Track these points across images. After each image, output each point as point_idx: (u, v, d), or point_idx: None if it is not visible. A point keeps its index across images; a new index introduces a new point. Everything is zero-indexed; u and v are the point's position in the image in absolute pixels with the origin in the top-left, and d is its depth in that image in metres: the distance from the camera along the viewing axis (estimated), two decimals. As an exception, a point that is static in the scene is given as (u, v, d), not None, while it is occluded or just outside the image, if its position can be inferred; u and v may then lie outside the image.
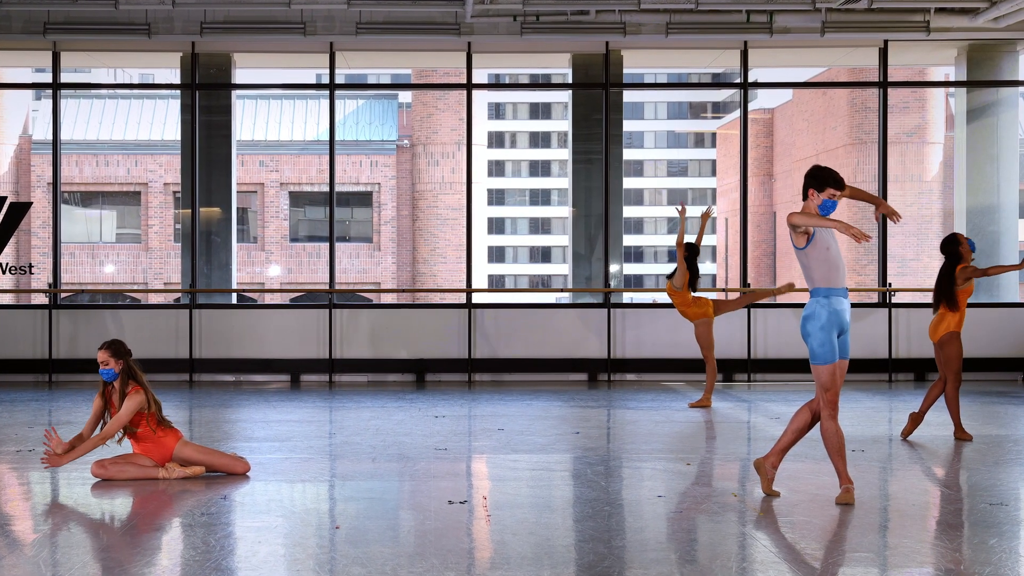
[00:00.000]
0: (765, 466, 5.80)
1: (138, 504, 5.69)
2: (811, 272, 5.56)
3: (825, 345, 5.53)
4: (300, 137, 27.90)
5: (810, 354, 5.61)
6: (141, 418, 6.32)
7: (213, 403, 10.37)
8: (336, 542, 4.79)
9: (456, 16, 12.64)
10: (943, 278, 7.78)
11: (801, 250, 5.55)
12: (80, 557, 4.59)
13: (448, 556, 4.53)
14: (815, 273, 5.55)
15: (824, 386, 5.56)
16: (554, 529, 5.08)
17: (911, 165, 26.13)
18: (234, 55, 13.27)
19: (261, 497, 5.79)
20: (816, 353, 5.56)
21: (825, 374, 5.55)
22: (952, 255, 7.76)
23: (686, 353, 12.36)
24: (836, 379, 5.56)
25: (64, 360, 12.56)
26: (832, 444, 5.59)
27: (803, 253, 5.56)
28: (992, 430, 8.41)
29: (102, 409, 6.37)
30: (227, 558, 4.52)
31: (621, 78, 13.17)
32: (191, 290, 12.76)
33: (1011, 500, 5.74)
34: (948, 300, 7.73)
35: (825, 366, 5.55)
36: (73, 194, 27.59)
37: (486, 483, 6.41)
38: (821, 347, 5.54)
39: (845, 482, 5.61)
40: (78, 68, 27.52)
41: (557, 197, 63.56)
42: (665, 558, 4.54)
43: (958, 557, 4.55)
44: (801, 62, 15.94)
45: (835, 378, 5.56)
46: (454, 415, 9.41)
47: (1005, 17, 12.32)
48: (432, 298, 23.26)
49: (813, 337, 5.55)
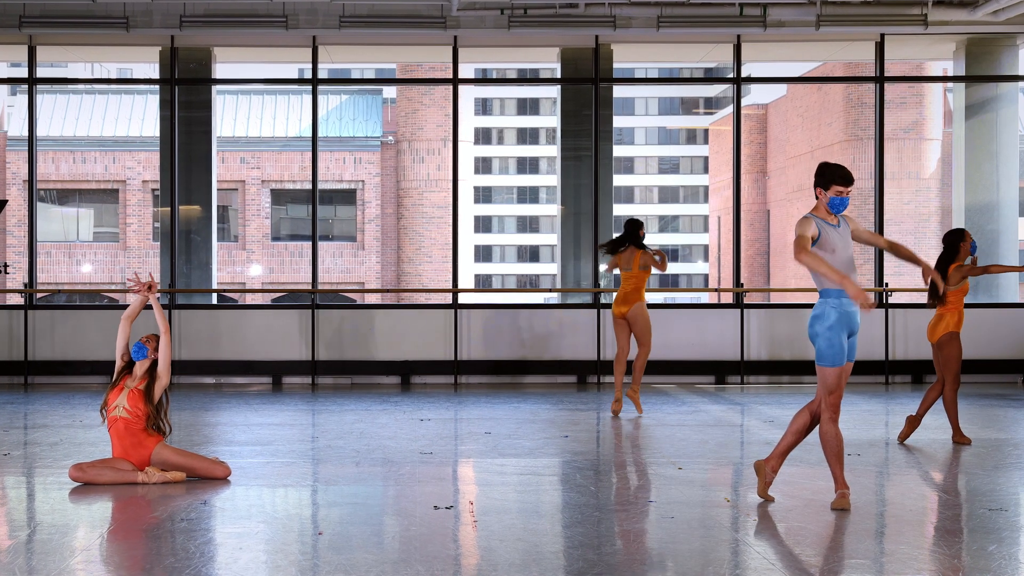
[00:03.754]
0: (765, 469, 5.72)
1: (116, 509, 5.63)
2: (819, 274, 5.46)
3: (834, 347, 5.47)
4: (282, 133, 27.70)
5: (817, 355, 5.54)
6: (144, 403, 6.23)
7: (193, 406, 10.26)
8: (319, 548, 4.74)
9: (442, 9, 12.49)
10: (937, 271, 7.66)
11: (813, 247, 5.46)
12: (57, 564, 4.51)
13: (434, 563, 4.47)
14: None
15: (828, 388, 5.50)
16: (542, 535, 5.02)
17: (908, 162, 26.13)
18: (214, 49, 13.12)
19: (242, 502, 5.74)
20: (824, 354, 5.49)
21: (831, 376, 5.49)
22: (950, 248, 7.64)
23: (678, 355, 12.25)
24: (841, 382, 5.50)
25: (41, 362, 12.36)
26: (831, 447, 5.52)
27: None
28: (991, 433, 8.36)
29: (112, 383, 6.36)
30: (207, 565, 4.47)
31: (611, 73, 13.05)
32: (170, 290, 12.57)
33: (1010, 505, 5.70)
34: (938, 296, 7.60)
35: (832, 368, 5.49)
36: (49, 192, 27.34)
37: (473, 488, 6.36)
38: (830, 348, 5.47)
39: (841, 487, 5.54)
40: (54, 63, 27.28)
41: (545, 195, 63.56)
42: (657, 565, 4.49)
43: (956, 564, 4.50)
44: (796, 56, 15.87)
45: (840, 381, 5.50)
46: (440, 418, 9.32)
47: (1005, 10, 12.22)
48: (417, 298, 23.12)
49: (821, 337, 5.48)
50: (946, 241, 7.74)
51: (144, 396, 6.26)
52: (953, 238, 7.70)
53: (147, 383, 6.30)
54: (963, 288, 7.66)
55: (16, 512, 5.66)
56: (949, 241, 7.71)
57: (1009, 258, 12.99)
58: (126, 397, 6.26)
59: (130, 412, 6.25)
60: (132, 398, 6.25)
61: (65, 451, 7.33)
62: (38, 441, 7.92)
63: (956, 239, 7.69)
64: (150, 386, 6.29)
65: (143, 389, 6.26)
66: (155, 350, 6.34)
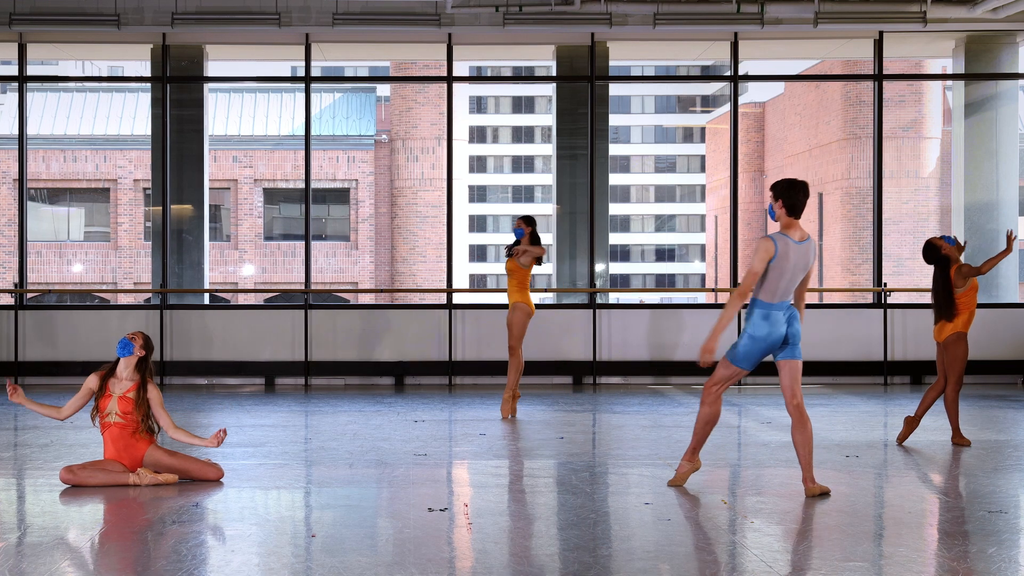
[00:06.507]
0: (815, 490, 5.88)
1: (108, 511, 5.60)
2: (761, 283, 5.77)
3: (750, 356, 5.78)
4: (275, 132, 27.61)
5: (732, 348, 5.84)
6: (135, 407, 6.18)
7: (185, 407, 10.20)
8: (312, 551, 4.71)
9: (436, 7, 12.43)
10: (939, 288, 7.52)
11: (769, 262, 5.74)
12: (47, 566, 4.49)
13: (428, 565, 4.45)
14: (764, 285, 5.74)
15: (721, 379, 5.87)
16: (538, 538, 5.00)
17: (907, 161, 26.08)
18: (206, 47, 13.05)
19: (234, 504, 5.72)
20: (738, 354, 5.80)
21: (730, 372, 5.86)
22: (940, 261, 7.53)
23: (674, 355, 12.20)
24: (731, 381, 5.89)
25: (31, 363, 12.27)
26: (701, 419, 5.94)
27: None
28: (991, 435, 8.33)
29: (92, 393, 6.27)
30: (199, 567, 4.45)
31: (607, 71, 13.00)
32: (162, 290, 12.49)
33: (1011, 507, 5.67)
34: (946, 311, 7.48)
35: (735, 367, 5.83)
36: (40, 191, 27.22)
37: (467, 490, 6.32)
38: (746, 354, 5.79)
39: (686, 458, 6.05)
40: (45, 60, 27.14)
41: (541, 194, 63.55)
42: (652, 567, 4.46)
43: (956, 567, 4.48)
44: (793, 54, 15.81)
45: (733, 380, 5.89)
46: (434, 419, 9.27)
47: (1004, 7, 12.17)
48: (411, 298, 23.05)
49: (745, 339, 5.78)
50: (929, 260, 7.56)
51: (135, 402, 6.21)
52: (932, 253, 7.53)
53: (137, 387, 6.22)
54: (972, 286, 7.53)
55: (6, 514, 5.62)
56: (932, 258, 7.53)
57: (1009, 257, 12.93)
58: (117, 403, 6.21)
59: (122, 416, 6.21)
60: (123, 403, 6.21)
61: (56, 452, 7.27)
62: (29, 443, 7.86)
63: (935, 252, 7.52)
64: (140, 390, 6.22)
65: (133, 397, 6.21)
66: (142, 347, 6.26)
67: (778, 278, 5.67)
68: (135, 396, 6.19)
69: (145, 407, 6.22)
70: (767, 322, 5.70)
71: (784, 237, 5.72)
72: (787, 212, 5.75)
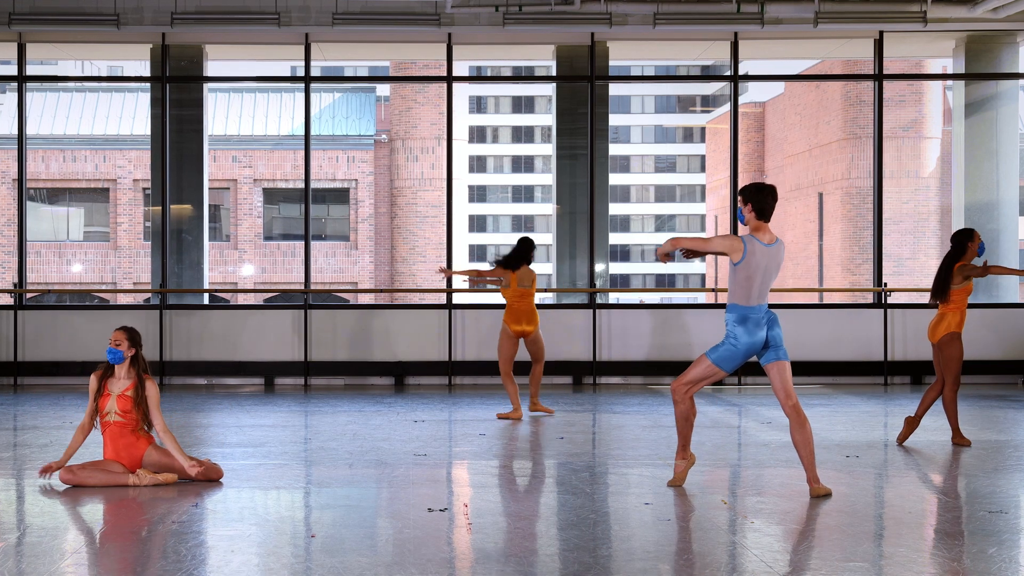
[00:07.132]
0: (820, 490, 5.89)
1: (108, 512, 5.59)
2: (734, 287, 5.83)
3: (734, 358, 5.82)
4: (274, 132, 27.60)
5: (714, 348, 5.86)
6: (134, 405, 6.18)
7: (184, 407, 10.19)
8: (311, 551, 4.71)
9: (436, 6, 12.42)
10: (943, 270, 7.64)
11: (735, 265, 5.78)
12: (47, 567, 4.47)
13: (428, 566, 4.44)
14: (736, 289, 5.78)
15: (697, 377, 5.89)
16: (538, 538, 5.00)
17: (907, 161, 26.05)
18: (206, 47, 13.04)
19: (234, 505, 5.71)
20: (721, 356, 5.84)
21: (709, 371, 5.88)
22: (958, 247, 7.61)
23: (674, 355, 12.19)
24: (705, 382, 5.92)
25: (30, 363, 12.26)
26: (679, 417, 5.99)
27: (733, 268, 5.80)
28: (991, 435, 8.32)
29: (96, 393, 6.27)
30: (199, 568, 4.44)
31: (607, 71, 12.99)
32: (161, 290, 12.49)
33: (1011, 508, 5.66)
34: (941, 294, 7.56)
35: (714, 367, 5.86)
36: (39, 191, 27.20)
37: (467, 490, 6.31)
38: (729, 356, 5.82)
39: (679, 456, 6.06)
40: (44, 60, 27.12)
41: (541, 194, 63.52)
42: (652, 568, 4.44)
43: (956, 567, 4.48)
44: (793, 54, 15.79)
45: (710, 379, 5.91)
46: (434, 419, 9.26)
47: (1005, 7, 12.16)
48: (411, 298, 23.04)
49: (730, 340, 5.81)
50: (954, 240, 7.70)
51: (134, 400, 6.21)
52: (962, 237, 7.66)
53: (135, 385, 6.22)
54: (967, 288, 7.59)
55: (6, 515, 5.61)
56: (958, 240, 7.67)
57: (1009, 257, 12.94)
58: (116, 401, 6.20)
59: (122, 414, 6.21)
60: (122, 401, 6.21)
61: (55, 453, 7.25)
62: (28, 443, 7.86)
63: (965, 238, 7.65)
64: (139, 388, 6.22)
65: (132, 395, 6.21)
66: (130, 346, 6.25)
67: (748, 280, 5.73)
68: (134, 394, 6.19)
69: (144, 405, 6.22)
70: (743, 327, 5.75)
71: (753, 239, 5.78)
72: (756, 216, 5.81)
